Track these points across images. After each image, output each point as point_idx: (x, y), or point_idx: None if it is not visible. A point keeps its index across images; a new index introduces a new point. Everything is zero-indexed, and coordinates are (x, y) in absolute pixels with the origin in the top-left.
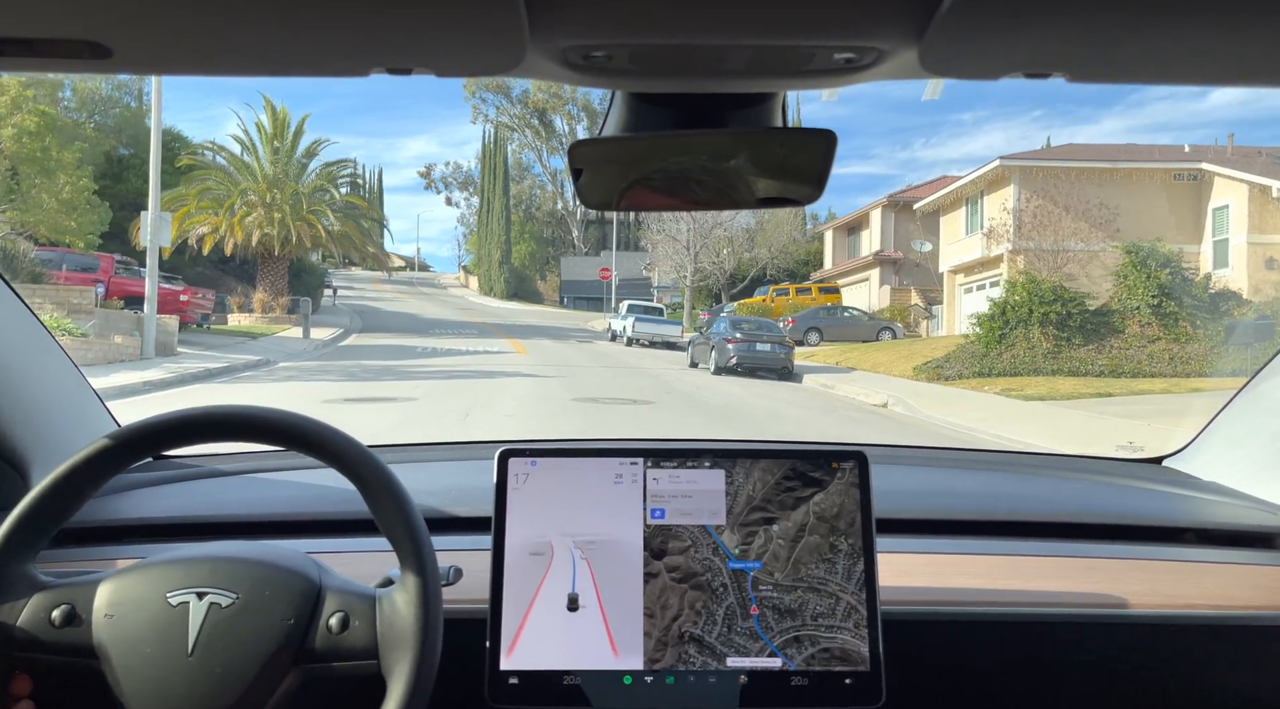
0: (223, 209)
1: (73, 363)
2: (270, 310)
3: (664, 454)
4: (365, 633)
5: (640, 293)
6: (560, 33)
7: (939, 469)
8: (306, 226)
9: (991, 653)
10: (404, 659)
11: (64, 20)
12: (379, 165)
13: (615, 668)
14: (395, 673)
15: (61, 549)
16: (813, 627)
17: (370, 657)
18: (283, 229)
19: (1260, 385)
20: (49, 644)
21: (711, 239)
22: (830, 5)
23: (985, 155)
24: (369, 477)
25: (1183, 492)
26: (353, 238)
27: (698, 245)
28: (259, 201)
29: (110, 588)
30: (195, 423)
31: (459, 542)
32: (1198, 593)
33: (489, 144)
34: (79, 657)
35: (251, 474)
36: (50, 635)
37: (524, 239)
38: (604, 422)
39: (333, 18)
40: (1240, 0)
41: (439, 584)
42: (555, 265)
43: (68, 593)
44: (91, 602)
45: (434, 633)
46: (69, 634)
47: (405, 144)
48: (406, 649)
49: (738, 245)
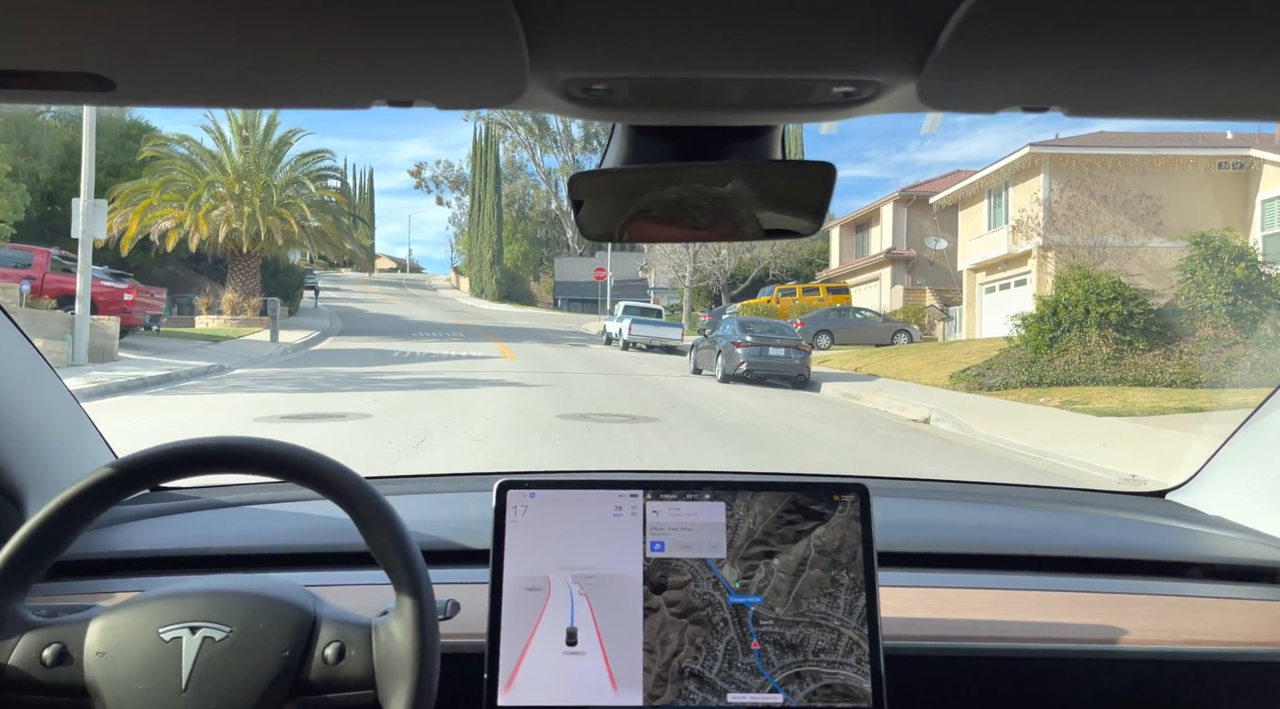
0: (187, 202)
1: (69, 392)
2: (240, 312)
3: (664, 486)
4: (362, 663)
5: (636, 294)
6: (561, 66)
7: (940, 502)
8: (278, 221)
9: (995, 688)
10: (401, 688)
11: (70, 54)
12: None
13: (615, 704)
14: (392, 702)
15: (56, 582)
16: (814, 662)
17: (367, 687)
18: (252, 224)
19: (1264, 418)
20: (41, 684)
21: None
22: (829, 40)
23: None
24: (362, 505)
25: (1186, 526)
26: (329, 234)
27: (697, 245)
28: (227, 194)
29: (102, 625)
30: (191, 455)
31: (456, 575)
32: (1203, 629)
33: (480, 141)
34: (71, 696)
35: (250, 506)
36: (42, 675)
37: (516, 239)
38: (595, 449)
39: (335, 52)
40: (1233, 39)
41: (435, 611)
42: (549, 266)
43: (59, 632)
44: (83, 640)
45: (431, 661)
46: (61, 673)
47: (401, 147)
48: (403, 678)
49: (738, 245)
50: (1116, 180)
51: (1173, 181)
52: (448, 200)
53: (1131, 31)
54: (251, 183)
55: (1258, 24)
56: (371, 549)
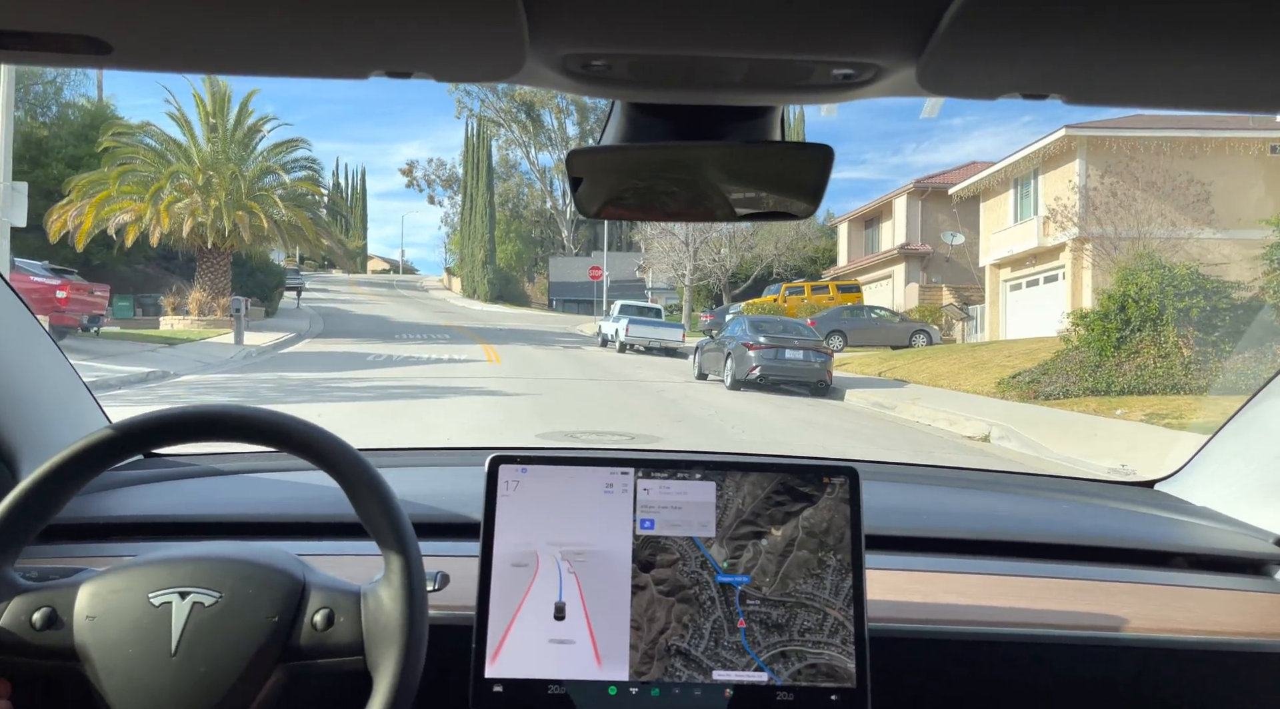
0: (148, 194)
1: (66, 359)
2: (209, 312)
3: (655, 464)
4: (350, 629)
5: (634, 294)
6: (560, 41)
7: (929, 487)
8: (247, 215)
9: (979, 672)
10: (390, 654)
11: (65, 15)
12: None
13: (600, 678)
14: (381, 668)
15: (49, 545)
16: (800, 642)
17: (356, 653)
18: (219, 218)
19: (1253, 410)
20: (30, 647)
21: (711, 236)
22: (829, 22)
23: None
24: (350, 472)
25: (1174, 516)
26: (304, 230)
27: (697, 242)
28: (192, 186)
29: (91, 589)
30: (183, 422)
31: (447, 547)
32: (1186, 618)
33: (472, 137)
34: (61, 659)
35: (243, 474)
36: (31, 638)
37: (510, 239)
38: None
39: (335, 20)
40: (1232, 28)
41: (424, 580)
42: (544, 267)
43: (48, 596)
44: (73, 604)
45: (420, 629)
46: (50, 637)
47: (397, 149)
48: (392, 644)
49: (739, 242)
50: (1162, 165)
51: (1221, 166)
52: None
53: (1132, 20)
54: (219, 173)
55: (1257, 14)
56: (361, 517)
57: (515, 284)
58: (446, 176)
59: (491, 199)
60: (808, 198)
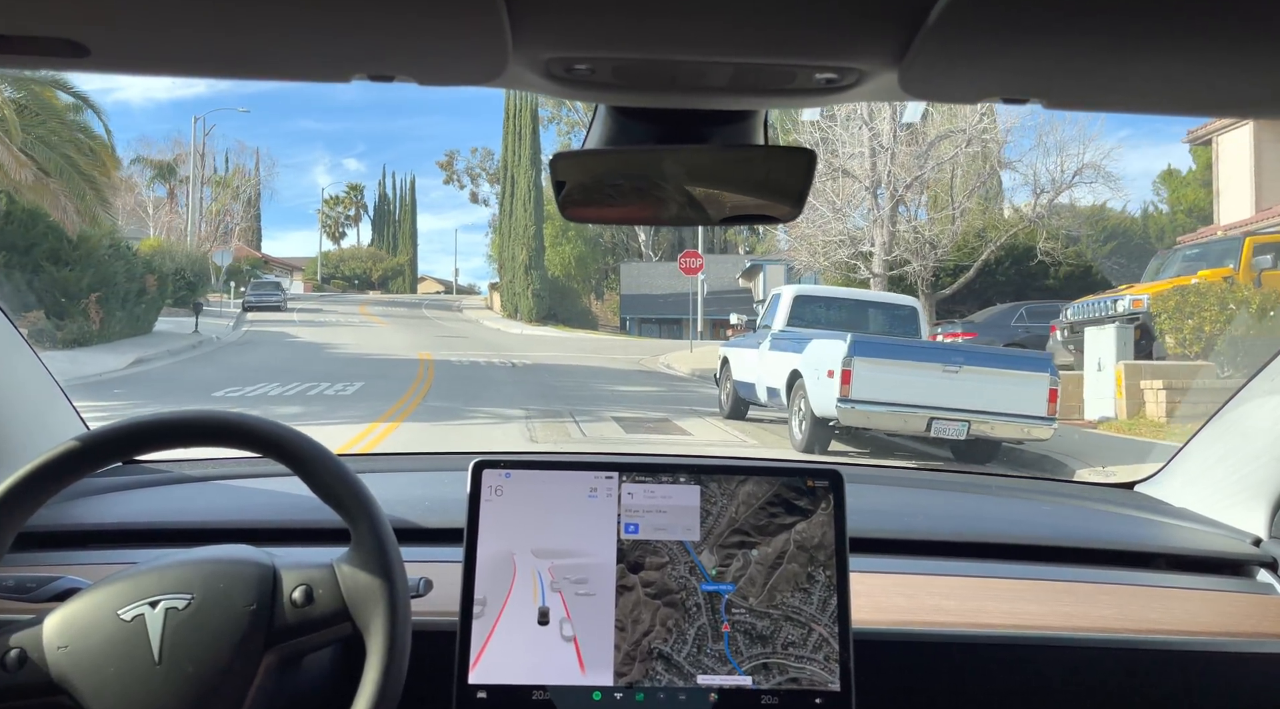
0: None
1: (43, 365)
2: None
3: (639, 468)
4: (332, 598)
5: (737, 310)
6: (543, 45)
7: (914, 490)
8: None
9: (962, 675)
10: (377, 611)
11: (44, 18)
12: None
13: (584, 683)
14: (372, 627)
15: (23, 553)
16: (783, 655)
17: (343, 620)
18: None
19: (1232, 412)
20: (10, 689)
21: (912, 193)
22: (812, 26)
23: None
24: (297, 451)
25: (1154, 517)
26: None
27: (889, 200)
28: None
29: (56, 621)
30: (154, 429)
31: (429, 553)
32: (1166, 618)
33: (511, 97)
34: (44, 695)
35: (221, 481)
36: (8, 680)
37: (568, 239)
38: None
39: (314, 22)
40: (1213, 34)
41: (393, 534)
42: (614, 280)
43: (14, 638)
44: (40, 639)
45: (400, 579)
46: (26, 674)
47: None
48: (377, 601)
49: (957, 201)
50: None
51: None
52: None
53: (1112, 24)
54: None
55: (1236, 19)
56: (319, 495)
57: (574, 299)
58: (495, 171)
59: (538, 177)
60: (790, 201)
